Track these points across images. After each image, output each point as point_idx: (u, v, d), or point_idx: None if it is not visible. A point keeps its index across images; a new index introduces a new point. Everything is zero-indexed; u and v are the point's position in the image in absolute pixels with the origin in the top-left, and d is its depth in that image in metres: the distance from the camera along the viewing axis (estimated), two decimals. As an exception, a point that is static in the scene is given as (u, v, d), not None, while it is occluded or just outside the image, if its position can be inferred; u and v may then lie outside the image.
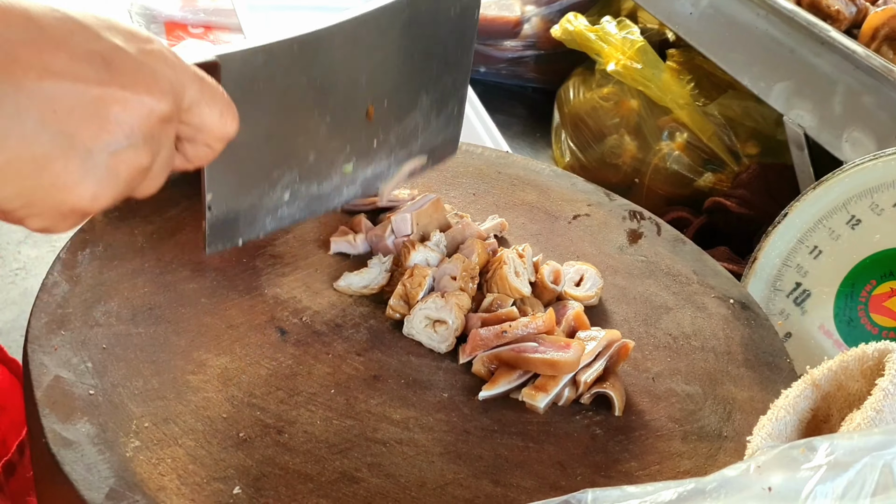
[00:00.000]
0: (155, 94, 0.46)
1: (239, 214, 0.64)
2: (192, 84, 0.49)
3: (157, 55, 0.47)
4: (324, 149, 0.68)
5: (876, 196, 0.86)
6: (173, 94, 0.47)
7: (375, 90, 0.70)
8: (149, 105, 0.46)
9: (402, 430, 0.60)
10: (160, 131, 0.47)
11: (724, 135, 1.19)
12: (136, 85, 0.45)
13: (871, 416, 0.57)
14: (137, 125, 0.45)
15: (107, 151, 0.45)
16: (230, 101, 0.52)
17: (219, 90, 0.51)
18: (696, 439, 0.66)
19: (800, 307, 0.89)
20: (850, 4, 1.25)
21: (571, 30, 1.30)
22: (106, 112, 0.44)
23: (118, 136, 0.45)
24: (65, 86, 0.43)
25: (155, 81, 0.46)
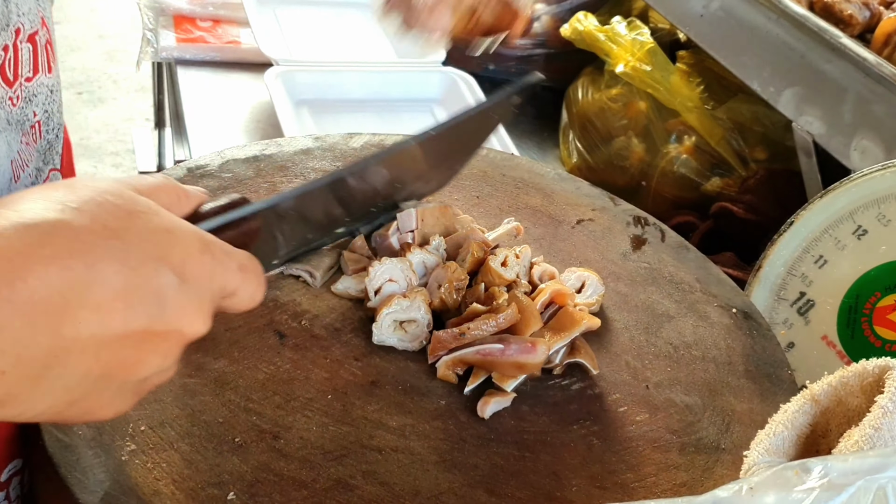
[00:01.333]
0: (196, 323, 0.44)
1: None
2: (234, 282, 0.46)
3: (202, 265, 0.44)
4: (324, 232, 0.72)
5: (883, 207, 0.85)
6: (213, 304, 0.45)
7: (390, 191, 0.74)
8: (188, 335, 0.43)
9: (397, 438, 0.60)
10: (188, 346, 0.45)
11: (733, 139, 1.18)
12: (181, 318, 0.42)
13: (869, 433, 0.56)
14: (174, 353, 0.44)
15: (140, 380, 0.43)
16: (263, 280, 0.49)
17: (256, 276, 0.48)
18: (693, 451, 0.66)
19: (803, 317, 0.88)
20: (863, 9, 1.23)
21: (581, 29, 1.29)
22: (145, 348, 0.42)
23: (154, 366, 0.43)
24: (115, 336, 0.40)
25: (198, 306, 0.44)
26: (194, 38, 1.42)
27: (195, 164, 0.83)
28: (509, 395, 0.65)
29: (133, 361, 0.42)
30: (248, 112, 1.32)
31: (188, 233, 0.44)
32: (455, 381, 0.65)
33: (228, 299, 0.47)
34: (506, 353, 0.64)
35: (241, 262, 0.47)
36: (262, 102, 1.33)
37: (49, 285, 0.38)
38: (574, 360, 0.69)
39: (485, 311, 0.67)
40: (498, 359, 0.64)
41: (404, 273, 0.70)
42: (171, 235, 0.43)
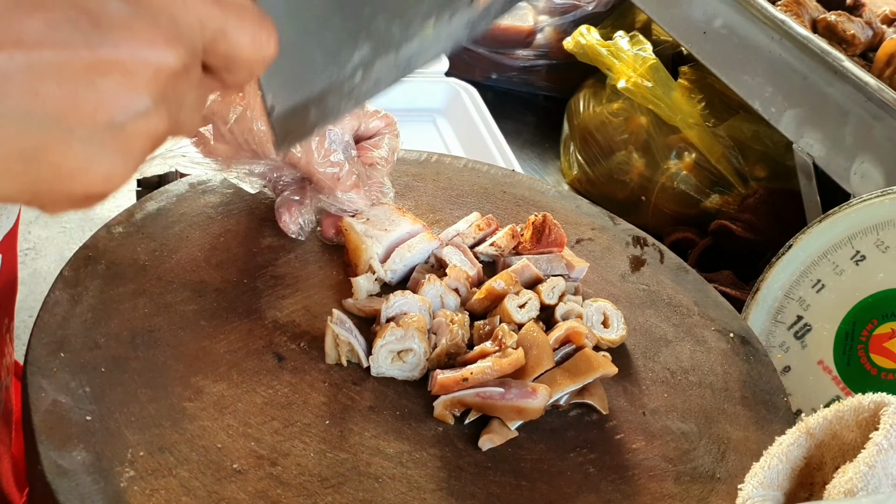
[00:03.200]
0: (158, 47, 0.38)
1: (308, 104, 0.55)
2: (210, 12, 0.41)
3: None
4: (396, 9, 0.57)
5: (882, 233, 0.85)
6: (183, 36, 0.40)
7: None
8: (153, 62, 0.38)
9: (395, 466, 0.60)
10: (175, 86, 0.40)
11: (733, 157, 1.18)
12: (133, 41, 0.37)
13: (863, 470, 0.57)
14: (143, 89, 0.38)
15: (111, 126, 0.38)
16: (262, 17, 0.44)
17: (245, 8, 0.43)
18: (688, 480, 0.67)
19: (800, 341, 0.89)
20: (866, 28, 1.24)
21: (584, 43, 1.29)
22: (100, 82, 0.37)
23: (122, 106, 0.38)
24: (44, 58, 0.36)
25: (157, 30, 0.38)
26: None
27: (197, 179, 0.83)
28: (512, 432, 0.65)
29: (87, 98, 0.37)
30: (250, 119, 1.32)
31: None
32: (451, 421, 0.65)
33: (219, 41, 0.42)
34: (506, 397, 0.64)
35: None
36: (264, 109, 1.33)
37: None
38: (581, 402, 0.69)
39: (491, 352, 0.67)
40: (497, 402, 0.64)
41: (421, 311, 0.70)
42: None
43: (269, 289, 0.73)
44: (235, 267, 0.74)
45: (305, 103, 0.54)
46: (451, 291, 0.74)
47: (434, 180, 0.94)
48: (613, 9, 1.49)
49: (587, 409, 0.70)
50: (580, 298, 0.78)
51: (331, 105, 0.56)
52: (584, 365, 0.69)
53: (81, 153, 0.38)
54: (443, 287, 0.73)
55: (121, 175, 0.40)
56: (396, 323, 0.68)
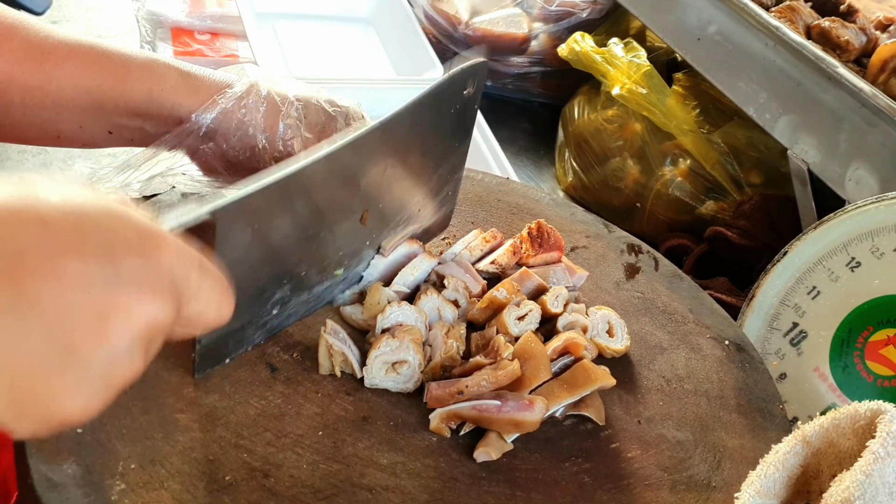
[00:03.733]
0: (158, 301, 0.44)
1: (228, 338, 0.62)
2: (194, 276, 0.47)
3: (164, 249, 0.45)
4: (316, 261, 0.67)
5: (877, 239, 0.85)
6: (175, 294, 0.45)
7: (371, 197, 0.69)
8: (153, 313, 0.43)
9: (388, 476, 0.60)
10: (156, 336, 0.45)
11: (728, 163, 1.18)
12: (141, 291, 0.43)
13: (860, 479, 0.57)
14: (139, 334, 0.43)
15: (105, 362, 0.42)
16: (227, 288, 0.50)
17: (219, 279, 0.49)
18: (684, 489, 0.66)
19: (796, 348, 0.89)
20: (859, 34, 1.24)
21: (578, 50, 1.29)
22: (109, 321, 0.42)
23: (119, 345, 0.42)
24: (73, 293, 0.40)
25: (160, 284, 0.44)
26: (192, 51, 1.42)
27: (189, 190, 0.83)
28: (508, 445, 0.64)
29: (93, 334, 0.41)
30: (244, 127, 1.32)
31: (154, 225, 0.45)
32: (448, 434, 0.64)
33: (192, 303, 0.47)
34: (502, 410, 0.63)
35: (201, 262, 0.47)
36: (259, 118, 1.32)
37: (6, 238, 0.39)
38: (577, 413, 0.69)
39: (487, 364, 0.66)
40: (494, 415, 0.63)
41: (417, 323, 0.70)
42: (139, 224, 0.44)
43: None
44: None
45: (227, 336, 0.61)
46: (450, 303, 0.73)
47: (428, 188, 0.94)
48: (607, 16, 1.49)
49: (582, 418, 0.69)
50: (584, 307, 0.78)
51: (248, 336, 0.64)
52: (581, 377, 0.69)
53: (74, 382, 0.41)
54: (440, 300, 0.73)
55: (95, 408, 0.43)
56: (392, 334, 0.68)
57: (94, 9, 1.69)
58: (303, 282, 0.67)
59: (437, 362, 0.67)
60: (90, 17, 4.47)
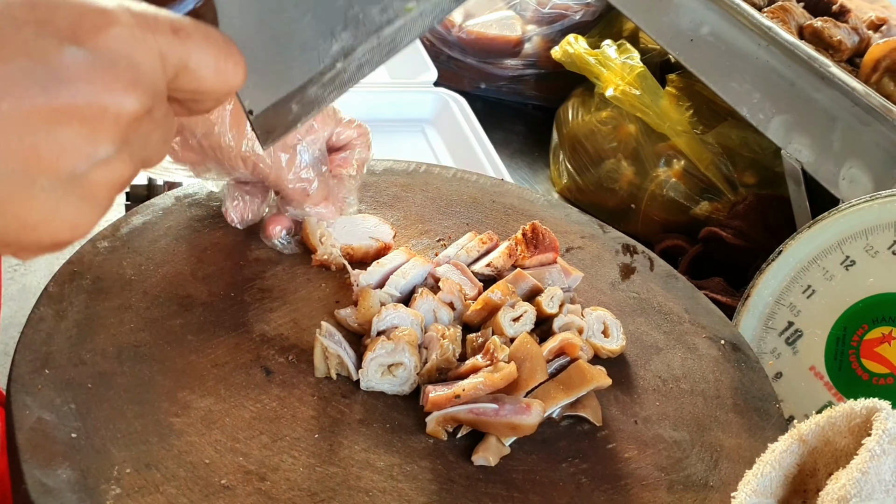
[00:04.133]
0: (117, 92, 0.38)
1: (289, 100, 0.54)
2: (170, 47, 0.41)
3: (115, 35, 0.38)
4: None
5: (871, 238, 0.85)
6: (144, 78, 0.40)
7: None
8: (113, 109, 0.38)
9: (385, 479, 0.60)
10: (138, 129, 0.40)
11: (722, 164, 1.18)
12: (92, 88, 0.37)
13: (856, 477, 0.57)
14: (104, 136, 0.38)
15: (74, 175, 0.38)
16: (226, 44, 0.43)
17: (208, 38, 0.42)
18: (681, 489, 0.66)
19: (791, 347, 0.89)
20: (852, 34, 1.24)
21: (571, 52, 1.29)
22: (60, 131, 0.37)
23: (84, 155, 0.38)
24: (2, 111, 0.36)
25: (115, 76, 0.38)
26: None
27: (183, 192, 0.83)
28: (506, 448, 0.64)
29: (48, 148, 0.37)
30: (238, 132, 1.31)
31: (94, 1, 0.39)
32: (445, 437, 0.64)
33: (182, 77, 0.41)
34: (499, 414, 0.63)
35: (173, 25, 0.41)
36: (253, 122, 1.32)
37: None
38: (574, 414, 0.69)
39: (483, 366, 0.66)
40: (491, 419, 0.63)
41: (413, 324, 0.69)
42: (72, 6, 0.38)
43: (257, 302, 0.73)
44: (222, 280, 0.74)
45: (286, 99, 0.53)
46: (445, 305, 0.73)
47: (423, 190, 0.94)
48: (601, 18, 1.49)
49: (579, 418, 0.69)
50: (579, 308, 0.78)
51: (313, 96, 0.55)
52: (577, 378, 0.68)
53: (45, 204, 0.38)
54: (436, 301, 0.73)
55: (87, 223, 0.40)
56: (387, 336, 0.67)
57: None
58: (364, 23, 0.55)
59: (432, 364, 0.67)
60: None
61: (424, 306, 0.72)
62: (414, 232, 0.87)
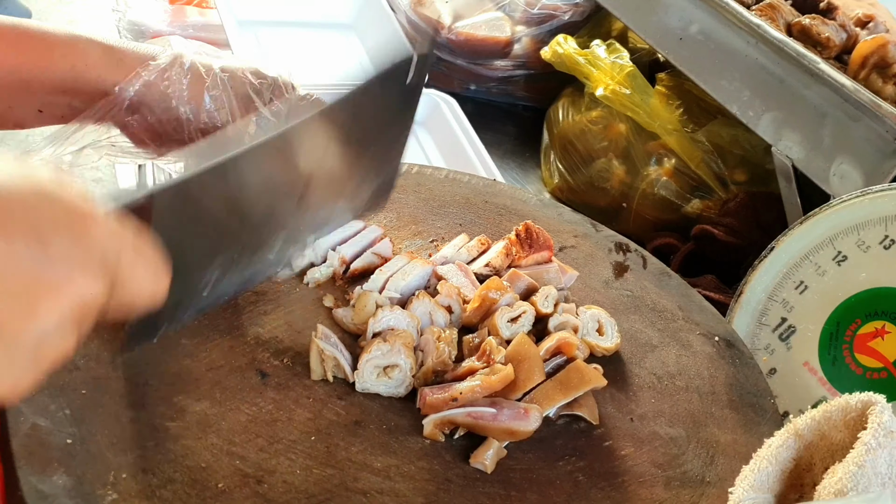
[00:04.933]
0: (88, 278, 0.44)
1: (159, 316, 0.59)
2: (127, 255, 0.46)
3: (94, 228, 0.44)
4: (251, 243, 0.65)
5: (862, 233, 0.85)
6: (107, 273, 0.45)
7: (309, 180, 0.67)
8: (83, 291, 0.43)
9: (382, 480, 0.60)
10: (87, 314, 0.45)
11: (713, 162, 1.18)
12: (70, 269, 0.43)
13: (852, 470, 0.57)
14: (68, 313, 0.43)
15: (33, 340, 0.42)
16: (162, 269, 0.50)
17: (153, 261, 0.49)
18: (678, 485, 0.66)
19: (785, 343, 0.89)
20: (840, 31, 1.24)
21: (561, 52, 1.29)
22: (37, 299, 0.41)
23: (47, 323, 0.42)
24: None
25: (90, 263, 0.44)
26: (174, 60, 1.41)
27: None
28: (502, 451, 0.64)
29: (21, 312, 0.41)
30: (229, 135, 1.31)
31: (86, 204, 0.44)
32: (442, 439, 0.64)
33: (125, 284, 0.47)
34: (497, 419, 0.63)
35: (135, 242, 0.47)
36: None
37: None
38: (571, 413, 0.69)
39: (479, 369, 0.66)
40: (489, 423, 0.63)
41: (408, 325, 0.69)
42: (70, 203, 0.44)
43: (251, 305, 0.72)
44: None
45: (157, 315, 0.57)
46: (442, 308, 0.73)
47: (415, 192, 0.94)
48: (590, 18, 1.49)
49: (575, 417, 0.69)
50: (573, 307, 0.78)
51: (178, 315, 0.62)
52: (575, 378, 0.68)
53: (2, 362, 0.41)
54: (432, 304, 0.72)
55: (24, 386, 0.43)
56: (383, 338, 0.67)
57: (74, 21, 1.68)
58: (237, 263, 0.65)
59: (428, 367, 0.67)
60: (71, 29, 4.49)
61: (421, 309, 0.72)
62: (407, 233, 0.87)
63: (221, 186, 0.58)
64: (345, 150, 0.69)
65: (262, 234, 0.66)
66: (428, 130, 1.37)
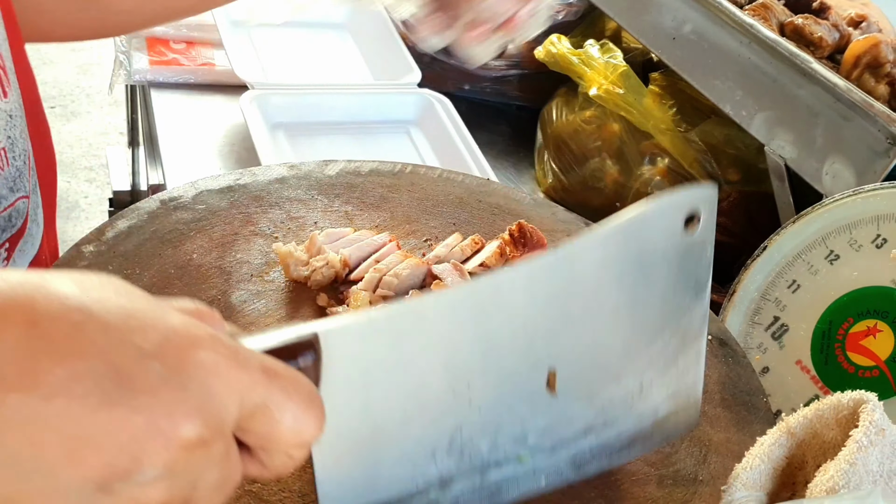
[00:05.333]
0: (177, 417, 0.36)
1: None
2: (254, 386, 0.38)
3: (198, 360, 0.37)
4: (485, 430, 0.51)
5: (855, 232, 0.86)
6: (211, 408, 0.37)
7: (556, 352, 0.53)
8: (166, 431, 0.35)
9: (375, 479, 0.60)
10: (189, 460, 0.37)
11: (706, 161, 1.19)
12: (153, 407, 0.35)
13: (844, 468, 0.57)
14: (148, 458, 0.35)
15: (104, 488, 0.35)
16: (313, 397, 0.41)
17: (296, 383, 0.41)
18: (671, 484, 0.66)
19: (778, 342, 0.89)
20: (832, 31, 1.25)
21: (555, 52, 1.29)
22: (105, 442, 0.34)
23: (120, 472, 0.35)
24: (52, 409, 0.33)
25: (183, 399, 0.36)
26: (168, 60, 1.41)
27: (168, 195, 0.82)
28: None
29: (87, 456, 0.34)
30: (223, 135, 1.31)
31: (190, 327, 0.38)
32: None
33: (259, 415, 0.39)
34: None
35: (264, 365, 0.39)
36: (237, 125, 1.32)
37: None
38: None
39: None
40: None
41: None
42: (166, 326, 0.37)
43: (242, 304, 0.72)
44: (209, 284, 0.73)
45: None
46: None
47: (409, 191, 0.94)
48: (583, 18, 1.50)
49: (568, 415, 0.69)
50: None
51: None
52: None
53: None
54: None
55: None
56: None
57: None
58: (469, 456, 0.51)
59: None
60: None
61: None
62: (401, 233, 0.87)
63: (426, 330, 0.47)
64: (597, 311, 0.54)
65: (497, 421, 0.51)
66: (422, 130, 1.38)
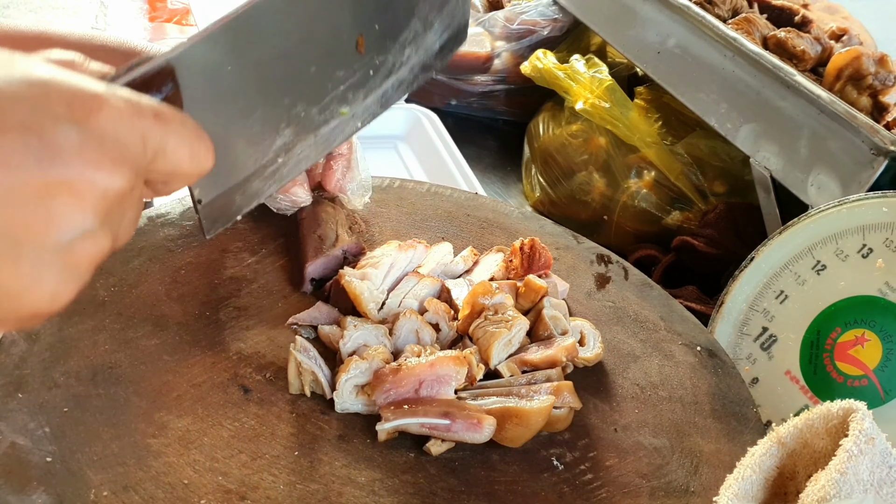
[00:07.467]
0: (106, 169, 0.40)
1: (232, 192, 0.56)
2: (152, 131, 0.43)
3: (105, 117, 0.40)
4: (312, 98, 0.60)
5: (841, 242, 0.86)
6: (129, 158, 0.41)
7: (362, 18, 0.61)
8: (101, 185, 0.40)
9: (367, 494, 0.59)
10: (119, 205, 0.41)
11: (692, 174, 1.19)
12: (82, 164, 0.39)
13: (835, 477, 0.57)
14: (91, 210, 0.40)
15: (60, 245, 0.39)
16: (198, 131, 0.46)
17: (184, 124, 0.45)
18: (663, 495, 0.66)
19: (766, 352, 0.89)
20: (815, 44, 1.26)
21: (541, 67, 1.30)
22: (51, 202, 0.38)
23: (71, 227, 0.39)
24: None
25: (104, 153, 0.40)
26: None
27: (156, 212, 0.82)
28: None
29: (38, 218, 0.38)
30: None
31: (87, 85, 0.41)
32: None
33: (159, 159, 0.43)
34: (451, 430, 0.63)
35: (156, 110, 0.43)
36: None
37: None
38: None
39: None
40: (442, 434, 0.63)
41: (379, 340, 0.69)
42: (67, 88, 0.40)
43: (233, 320, 0.72)
44: (197, 299, 0.73)
45: (231, 191, 0.56)
46: (429, 326, 0.73)
47: (397, 206, 0.94)
48: (568, 33, 1.51)
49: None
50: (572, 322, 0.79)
51: (255, 188, 0.58)
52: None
53: (29, 272, 0.39)
54: (419, 322, 0.72)
55: (66, 293, 0.41)
56: (360, 356, 0.67)
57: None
58: (304, 123, 0.60)
59: None
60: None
61: (407, 326, 0.72)
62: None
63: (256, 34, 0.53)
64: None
65: (321, 87, 0.60)
66: (409, 145, 1.38)
